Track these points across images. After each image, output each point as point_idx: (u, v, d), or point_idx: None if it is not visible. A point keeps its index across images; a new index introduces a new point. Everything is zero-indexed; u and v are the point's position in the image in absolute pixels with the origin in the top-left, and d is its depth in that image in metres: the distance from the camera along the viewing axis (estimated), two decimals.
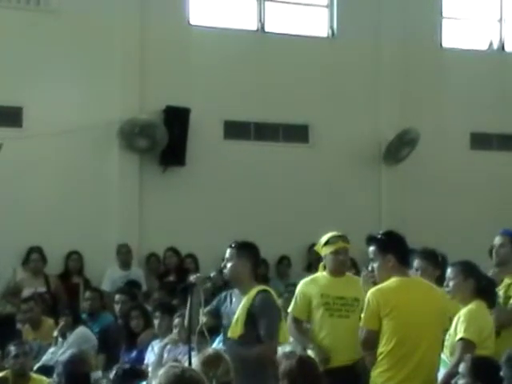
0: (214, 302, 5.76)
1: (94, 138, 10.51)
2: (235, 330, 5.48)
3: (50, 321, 8.44)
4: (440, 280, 5.75)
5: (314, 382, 4.39)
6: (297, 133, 11.74)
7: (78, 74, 10.52)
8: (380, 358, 5.30)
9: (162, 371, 3.09)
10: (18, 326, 8.55)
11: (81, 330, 7.97)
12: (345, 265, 6.09)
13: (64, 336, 7.92)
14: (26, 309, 8.41)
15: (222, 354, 4.53)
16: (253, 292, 5.50)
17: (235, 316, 5.50)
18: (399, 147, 11.69)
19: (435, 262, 6.10)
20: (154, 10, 10.89)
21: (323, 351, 5.89)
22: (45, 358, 7.81)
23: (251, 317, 5.43)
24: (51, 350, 7.91)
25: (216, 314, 5.68)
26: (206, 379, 4.03)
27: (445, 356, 5.44)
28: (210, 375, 4.24)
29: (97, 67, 10.70)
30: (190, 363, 5.46)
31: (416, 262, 5.97)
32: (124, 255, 10.42)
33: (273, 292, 5.65)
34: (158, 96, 10.81)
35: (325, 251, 6.08)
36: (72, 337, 7.87)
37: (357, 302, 5.93)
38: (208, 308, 5.72)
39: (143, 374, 6.93)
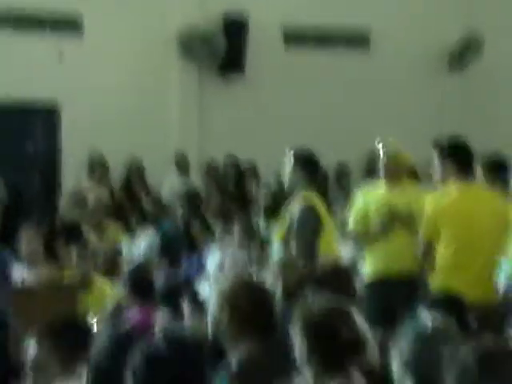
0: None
1: (153, 47, 10.51)
2: (280, 232, 5.62)
3: (114, 225, 8.63)
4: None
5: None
6: (358, 39, 11.50)
7: None
8: (438, 266, 5.29)
9: (227, 278, 3.03)
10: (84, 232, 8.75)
11: (151, 231, 8.15)
12: (391, 175, 5.71)
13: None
14: (90, 214, 8.60)
15: (302, 270, 4.55)
16: (296, 205, 5.54)
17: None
18: (463, 53, 11.37)
19: (498, 170, 5.96)
20: None
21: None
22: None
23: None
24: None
25: None
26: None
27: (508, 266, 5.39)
28: (282, 277, 4.29)
29: None
30: (249, 270, 5.58)
31: (477, 171, 5.87)
32: (180, 162, 10.52)
33: (314, 205, 5.59)
34: (216, 3, 10.68)
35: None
36: (143, 238, 8.03)
37: (411, 216, 5.60)
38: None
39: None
